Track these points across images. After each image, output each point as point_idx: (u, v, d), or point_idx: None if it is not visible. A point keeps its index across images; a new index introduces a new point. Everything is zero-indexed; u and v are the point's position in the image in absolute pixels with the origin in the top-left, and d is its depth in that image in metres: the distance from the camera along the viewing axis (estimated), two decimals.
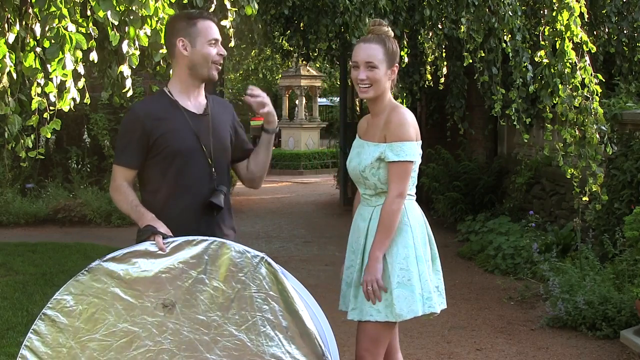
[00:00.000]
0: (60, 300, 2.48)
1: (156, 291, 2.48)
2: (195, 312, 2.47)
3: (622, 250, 5.23)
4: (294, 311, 2.45)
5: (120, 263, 2.49)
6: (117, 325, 2.47)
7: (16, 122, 3.33)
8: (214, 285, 2.48)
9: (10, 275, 6.49)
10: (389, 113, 2.86)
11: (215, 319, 2.47)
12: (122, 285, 2.47)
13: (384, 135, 2.82)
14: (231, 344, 2.46)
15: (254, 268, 2.48)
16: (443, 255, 8.11)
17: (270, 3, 7.68)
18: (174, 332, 2.47)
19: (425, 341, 4.79)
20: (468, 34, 6.33)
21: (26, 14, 3.32)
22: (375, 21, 2.92)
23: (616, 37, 7.62)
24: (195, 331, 2.47)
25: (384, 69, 2.82)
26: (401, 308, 2.79)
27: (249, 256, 2.49)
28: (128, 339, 2.46)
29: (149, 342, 2.46)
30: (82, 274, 2.49)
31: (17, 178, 9.98)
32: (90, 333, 2.47)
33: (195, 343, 2.46)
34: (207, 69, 2.78)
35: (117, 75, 4.02)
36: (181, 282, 2.48)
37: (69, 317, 2.47)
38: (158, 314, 2.47)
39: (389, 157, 2.80)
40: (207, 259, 2.49)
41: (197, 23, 2.77)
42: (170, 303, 2.47)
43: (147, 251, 2.50)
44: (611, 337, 4.66)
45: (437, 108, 10.30)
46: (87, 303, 2.47)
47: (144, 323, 2.47)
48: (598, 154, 5.47)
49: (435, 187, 9.13)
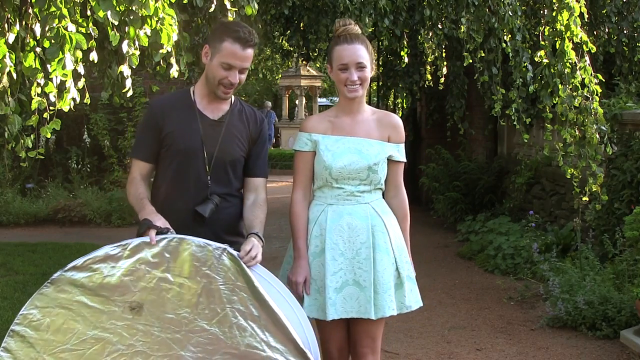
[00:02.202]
0: (27, 315, 2.49)
1: (122, 295, 2.46)
2: (164, 311, 2.46)
3: (622, 250, 5.23)
4: (262, 300, 2.43)
5: (82, 271, 2.46)
6: (87, 333, 2.45)
7: (16, 122, 3.33)
8: (179, 282, 2.46)
9: (10, 275, 6.49)
10: (386, 115, 2.98)
11: (185, 315, 2.45)
12: (87, 293, 2.45)
13: (387, 136, 2.91)
14: (204, 339, 2.44)
15: (217, 260, 2.45)
16: (443, 255, 8.16)
17: (270, 3, 7.68)
18: (145, 334, 2.45)
19: (425, 341, 4.79)
20: (468, 34, 6.33)
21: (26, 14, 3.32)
22: (345, 21, 2.89)
23: (616, 37, 7.62)
24: (166, 330, 2.45)
25: (369, 68, 2.86)
26: (410, 300, 2.92)
27: (211, 249, 2.46)
28: (100, 345, 2.44)
29: (121, 347, 2.44)
30: (45, 287, 2.48)
31: (17, 178, 9.99)
32: (62, 344, 2.45)
33: (168, 342, 2.45)
34: (214, 87, 2.74)
35: (117, 75, 4.02)
36: (145, 282, 2.46)
37: (38, 330, 2.46)
38: (127, 317, 2.45)
39: (398, 157, 2.93)
40: (169, 256, 2.47)
41: (225, 41, 2.69)
42: (138, 305, 2.45)
43: (107, 255, 2.47)
44: (611, 337, 4.66)
45: (437, 108, 10.31)
46: (54, 315, 2.46)
47: (114, 328, 2.45)
48: (598, 154, 5.47)
49: (435, 187, 9.13)
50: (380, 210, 2.89)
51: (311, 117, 3.11)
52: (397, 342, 4.74)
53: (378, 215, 2.87)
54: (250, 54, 2.73)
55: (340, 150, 2.88)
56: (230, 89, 2.75)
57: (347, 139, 2.89)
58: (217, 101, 2.81)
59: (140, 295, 2.45)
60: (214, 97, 2.80)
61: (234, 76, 2.71)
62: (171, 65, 4.04)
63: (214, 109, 2.81)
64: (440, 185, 9.06)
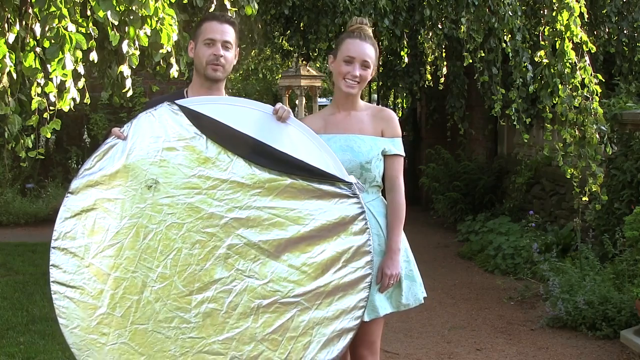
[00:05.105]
0: (60, 229, 2.58)
1: (134, 178, 2.52)
2: (179, 177, 2.51)
3: (622, 250, 5.23)
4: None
5: (93, 170, 2.56)
6: (118, 224, 2.52)
7: (16, 122, 3.33)
8: (182, 145, 2.53)
9: (10, 275, 6.49)
10: (380, 110, 2.96)
11: (201, 174, 2.51)
12: (104, 188, 2.54)
13: (381, 130, 2.89)
14: (226, 190, 2.49)
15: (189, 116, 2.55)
16: (443, 255, 8.15)
17: (270, 3, 7.68)
18: (170, 206, 2.50)
19: (425, 341, 4.79)
20: (468, 34, 6.33)
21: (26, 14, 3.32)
22: (362, 20, 2.92)
23: (616, 37, 7.62)
24: (188, 195, 2.50)
25: (372, 70, 2.88)
26: (407, 298, 2.89)
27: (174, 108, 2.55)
28: (134, 231, 2.51)
29: (153, 226, 2.50)
30: (66, 198, 2.57)
31: (17, 178, 9.98)
32: (100, 243, 2.53)
33: (195, 205, 2.50)
34: (203, 69, 2.81)
35: (117, 75, 4.02)
36: (152, 158, 2.52)
37: (75, 239, 2.56)
38: (147, 197, 2.51)
39: (393, 151, 2.88)
40: (165, 126, 2.54)
41: (202, 25, 2.82)
42: (153, 182, 2.51)
43: (110, 146, 2.56)
44: (611, 337, 4.65)
45: (437, 108, 10.31)
46: (83, 219, 2.55)
47: (140, 211, 2.51)
48: (598, 154, 5.47)
49: (435, 187, 9.13)
50: (376, 211, 2.86)
51: (308, 116, 3.12)
52: (397, 342, 4.74)
53: (373, 216, 2.84)
54: (228, 29, 2.82)
55: (333, 149, 2.83)
56: (217, 65, 2.80)
57: (339, 136, 2.87)
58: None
59: (151, 171, 2.51)
60: (202, 92, 2.82)
61: (217, 49, 2.78)
62: (171, 65, 4.05)
63: None
64: (440, 185, 9.06)
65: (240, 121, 2.53)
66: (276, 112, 2.59)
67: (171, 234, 2.49)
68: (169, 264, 2.49)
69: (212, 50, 2.79)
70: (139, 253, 2.50)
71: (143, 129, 2.55)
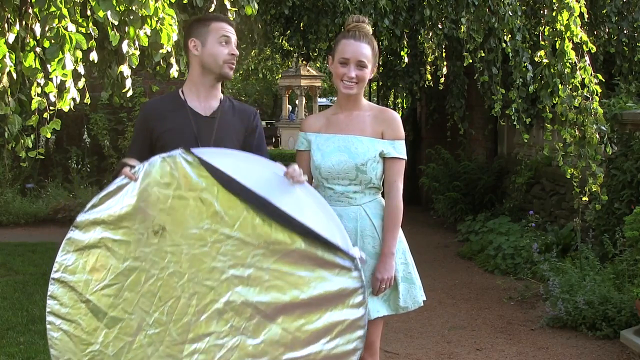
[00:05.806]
0: (62, 262, 2.58)
1: (142, 222, 2.52)
2: (187, 227, 2.50)
3: (622, 250, 5.23)
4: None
5: (100, 208, 2.55)
6: (121, 265, 2.52)
7: (16, 122, 3.33)
8: (193, 196, 2.52)
9: (10, 275, 6.49)
10: (382, 111, 2.90)
11: (207, 227, 2.49)
12: (110, 228, 2.53)
13: (381, 132, 2.83)
14: (231, 246, 2.48)
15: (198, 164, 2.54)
16: (443, 255, 8.15)
17: (270, 3, 7.68)
18: (174, 254, 2.50)
19: (425, 341, 4.79)
20: (468, 34, 6.33)
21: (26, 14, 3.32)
22: (359, 18, 2.89)
23: (616, 37, 7.62)
24: (192, 246, 2.50)
25: (370, 69, 2.84)
26: (405, 301, 2.86)
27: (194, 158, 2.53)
28: (135, 274, 2.51)
29: (155, 272, 2.51)
30: (70, 231, 2.57)
31: (17, 178, 9.98)
32: (100, 281, 2.53)
33: (198, 256, 2.49)
34: (218, 68, 2.79)
35: (117, 75, 4.02)
36: (162, 204, 2.52)
37: (75, 273, 2.56)
38: (153, 243, 2.51)
39: (393, 154, 2.82)
40: (177, 174, 2.53)
41: (210, 24, 2.81)
42: (160, 227, 2.51)
43: (119, 187, 2.55)
44: (611, 337, 4.66)
45: (437, 108, 10.31)
46: (85, 255, 2.55)
47: (144, 255, 2.51)
48: (598, 154, 5.47)
49: (435, 187, 9.13)
50: (372, 212, 2.83)
51: (310, 116, 3.10)
52: (397, 342, 4.74)
53: (368, 218, 2.81)
54: (233, 30, 2.88)
55: (330, 150, 2.84)
56: (233, 64, 2.84)
57: (337, 137, 2.85)
58: (205, 96, 2.84)
59: (159, 217, 2.51)
60: (203, 91, 2.83)
61: (233, 48, 2.82)
62: (171, 65, 4.05)
63: (204, 106, 2.84)
64: (440, 185, 9.06)
65: (252, 178, 2.52)
66: (289, 174, 2.56)
67: (172, 282, 2.49)
68: (166, 310, 2.49)
69: (229, 49, 2.80)
70: (138, 296, 2.50)
71: (155, 174, 2.54)
